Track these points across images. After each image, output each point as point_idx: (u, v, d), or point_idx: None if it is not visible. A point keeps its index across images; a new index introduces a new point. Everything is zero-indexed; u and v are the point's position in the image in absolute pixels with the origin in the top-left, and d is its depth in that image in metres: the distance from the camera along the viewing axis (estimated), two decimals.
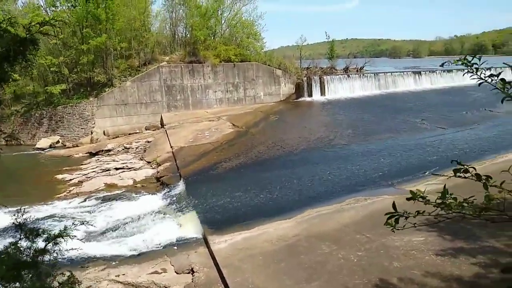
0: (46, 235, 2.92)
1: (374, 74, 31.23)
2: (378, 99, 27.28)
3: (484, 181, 1.67)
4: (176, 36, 27.96)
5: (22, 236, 2.92)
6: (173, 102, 22.99)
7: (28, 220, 3.02)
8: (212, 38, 26.45)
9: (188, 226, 8.99)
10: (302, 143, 15.75)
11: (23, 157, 17.52)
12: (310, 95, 27.78)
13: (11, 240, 2.96)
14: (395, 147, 14.72)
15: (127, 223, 9.49)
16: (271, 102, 26.31)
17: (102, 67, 21.87)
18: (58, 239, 2.94)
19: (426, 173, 11.20)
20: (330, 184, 11.15)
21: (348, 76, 30.11)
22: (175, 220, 9.45)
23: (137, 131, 21.15)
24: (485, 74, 2.00)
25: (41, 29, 2.57)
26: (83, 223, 3.47)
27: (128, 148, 17.38)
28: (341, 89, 28.92)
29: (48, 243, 2.93)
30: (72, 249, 3.14)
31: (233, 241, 7.57)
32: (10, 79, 2.50)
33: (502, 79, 1.88)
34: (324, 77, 28.68)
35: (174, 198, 10.77)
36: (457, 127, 17.31)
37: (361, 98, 27.53)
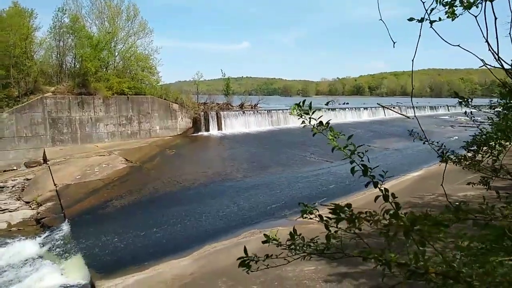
0: None
1: (268, 111, 33.02)
2: (272, 134, 28.69)
3: (325, 222, 1.86)
4: (64, 66, 26.23)
5: None
6: (58, 136, 21.21)
7: None
8: (105, 70, 25.40)
9: (73, 271, 8.17)
10: (199, 178, 15.68)
11: None
12: (207, 129, 28.10)
13: None
14: (288, 180, 15.50)
15: None
16: (167, 136, 25.89)
17: None
18: None
19: (316, 204, 11.93)
20: (227, 218, 11.21)
21: (244, 112, 31.30)
22: (58, 266, 8.51)
23: (14, 168, 18.89)
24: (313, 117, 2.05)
25: None
26: None
27: (3, 187, 15.38)
28: (237, 124, 29.87)
29: None
30: None
31: (125, 285, 7.08)
32: None
33: (320, 122, 2.02)
34: (221, 112, 29.38)
35: (57, 242, 9.74)
36: (341, 160, 18.78)
37: (255, 133, 28.66)
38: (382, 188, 1.75)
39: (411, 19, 2.11)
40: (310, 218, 1.95)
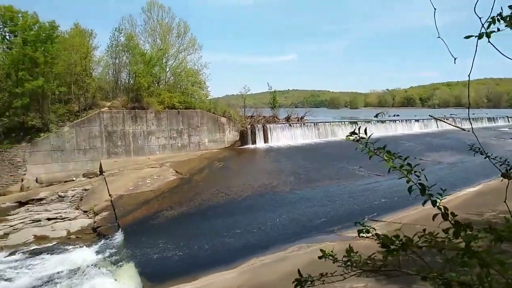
0: None
1: (314, 123, 32.79)
2: (318, 147, 28.39)
3: (381, 240, 1.79)
4: (119, 82, 27.67)
5: None
6: (113, 149, 22.29)
7: None
8: (156, 85, 26.49)
9: (126, 280, 8.47)
10: (246, 190, 15.79)
11: None
12: (254, 142, 28.35)
13: None
14: (335, 194, 15.22)
15: (57, 279, 8.74)
16: (215, 148, 26.40)
17: (37, 111, 20.86)
18: None
19: (365, 219, 11.64)
20: (274, 231, 11.17)
21: (290, 125, 31.30)
22: (112, 274, 8.87)
23: (74, 179, 20.05)
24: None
25: None
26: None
27: (63, 197, 16.35)
28: (283, 137, 29.90)
29: None
30: None
31: None
32: None
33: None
34: (267, 125, 29.56)
35: (112, 250, 10.17)
36: (391, 174, 18.24)
37: (302, 146, 28.50)
38: (441, 207, 1.68)
39: (467, 37, 2.02)
40: (367, 237, 1.90)
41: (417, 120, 41.90)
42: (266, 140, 28.92)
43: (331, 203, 13.87)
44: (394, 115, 54.56)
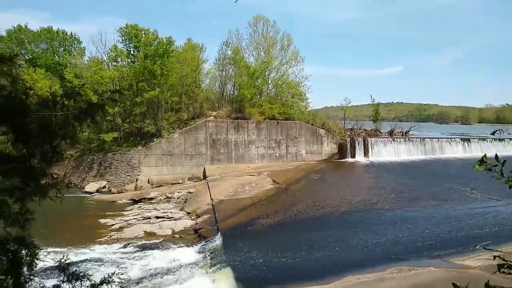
0: (93, 282, 2.95)
1: (420, 139, 30.65)
2: (424, 164, 26.49)
3: None
4: (224, 93, 29.25)
5: (64, 279, 2.97)
6: (216, 155, 23.56)
7: (64, 261, 3.08)
8: (258, 96, 27.40)
9: (222, 282, 8.83)
10: (343, 205, 15.39)
11: (71, 199, 18.14)
12: (353, 156, 27.57)
13: (53, 282, 3.00)
14: (442, 216, 14.02)
15: (162, 274, 9.48)
16: (312, 160, 26.28)
17: (152, 118, 23.08)
18: (103, 286, 2.97)
19: (477, 247, 10.53)
20: (371, 250, 10.69)
21: (393, 139, 29.72)
22: (210, 275, 9.33)
23: (180, 182, 21.66)
24: None
25: (111, 95, 2.91)
26: (122, 273, 3.45)
27: (170, 198, 17.73)
28: (385, 152, 28.52)
29: None
30: None
31: None
32: (77, 137, 2.80)
33: None
34: (368, 139, 28.51)
35: (211, 252, 10.70)
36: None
37: (406, 162, 26.86)
38: None
39: None
40: (509, 273, 1.70)
41: None
42: (366, 154, 27.91)
43: (436, 226, 12.80)
44: None
